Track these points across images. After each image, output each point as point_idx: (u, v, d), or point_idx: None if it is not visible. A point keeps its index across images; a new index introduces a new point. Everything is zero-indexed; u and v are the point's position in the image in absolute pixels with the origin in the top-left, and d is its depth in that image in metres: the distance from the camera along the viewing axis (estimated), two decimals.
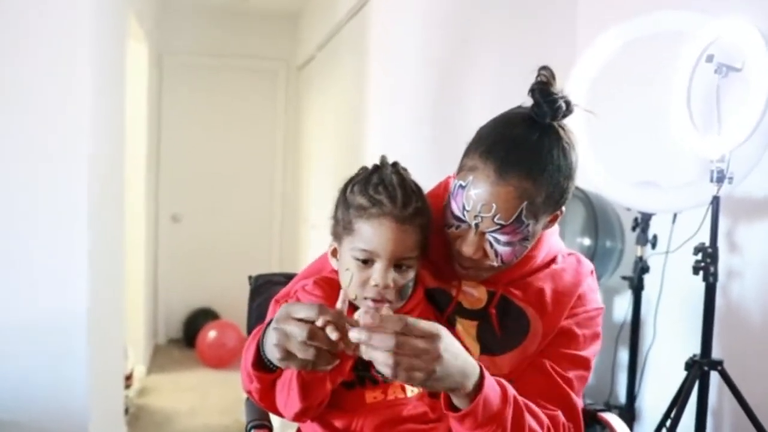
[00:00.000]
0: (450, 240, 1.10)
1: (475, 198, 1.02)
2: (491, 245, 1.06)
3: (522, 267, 1.14)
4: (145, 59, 4.13)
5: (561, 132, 1.04)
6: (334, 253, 1.11)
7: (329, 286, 1.09)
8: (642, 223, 2.17)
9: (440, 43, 2.83)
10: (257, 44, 5.18)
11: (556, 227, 1.22)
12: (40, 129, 2.24)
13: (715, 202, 1.71)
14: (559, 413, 1.08)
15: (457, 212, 1.06)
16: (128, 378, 3.54)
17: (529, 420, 1.00)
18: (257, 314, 1.48)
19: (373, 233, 1.01)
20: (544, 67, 1.04)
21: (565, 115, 1.03)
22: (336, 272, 1.11)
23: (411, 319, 0.85)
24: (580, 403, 1.14)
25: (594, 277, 1.23)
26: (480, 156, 1.03)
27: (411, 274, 1.05)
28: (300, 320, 0.86)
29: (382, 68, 3.03)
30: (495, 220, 1.02)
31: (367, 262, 1.02)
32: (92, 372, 2.36)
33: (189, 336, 4.84)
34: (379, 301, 1.02)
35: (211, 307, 5.03)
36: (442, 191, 1.17)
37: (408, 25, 2.91)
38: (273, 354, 0.90)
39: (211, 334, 4.45)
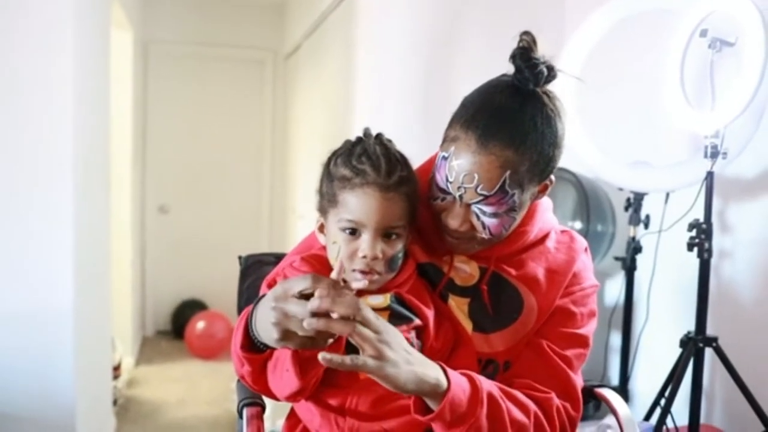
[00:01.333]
0: (437, 212, 1.08)
1: (458, 169, 1.00)
2: (477, 217, 1.04)
3: (514, 242, 1.12)
4: (130, 48, 4.08)
5: (545, 99, 1.02)
6: (321, 228, 1.09)
7: (317, 262, 1.08)
8: (634, 203, 2.17)
9: (428, 29, 2.81)
10: (243, 33, 5.13)
11: (549, 203, 1.20)
12: (22, 121, 2.20)
13: (709, 177, 1.70)
14: (553, 395, 1.07)
15: (441, 184, 1.04)
16: (116, 369, 3.51)
17: (513, 412, 0.99)
18: (247, 295, 1.46)
19: (357, 203, 1.00)
20: (525, 32, 1.02)
21: (547, 81, 1.01)
22: (324, 248, 1.09)
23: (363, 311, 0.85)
24: (579, 380, 1.13)
25: (588, 254, 1.21)
26: (461, 126, 1.01)
27: (399, 245, 1.03)
28: (300, 297, 0.84)
29: (370, 56, 3.01)
30: (478, 190, 1.00)
31: (354, 233, 1.01)
32: (79, 363, 2.34)
33: (177, 327, 4.81)
34: (367, 272, 1.00)
35: (199, 298, 5.00)
36: (432, 166, 1.15)
37: (395, 12, 2.89)
38: (270, 334, 0.87)
39: (199, 325, 4.42)
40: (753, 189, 1.97)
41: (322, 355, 0.83)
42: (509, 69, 1.06)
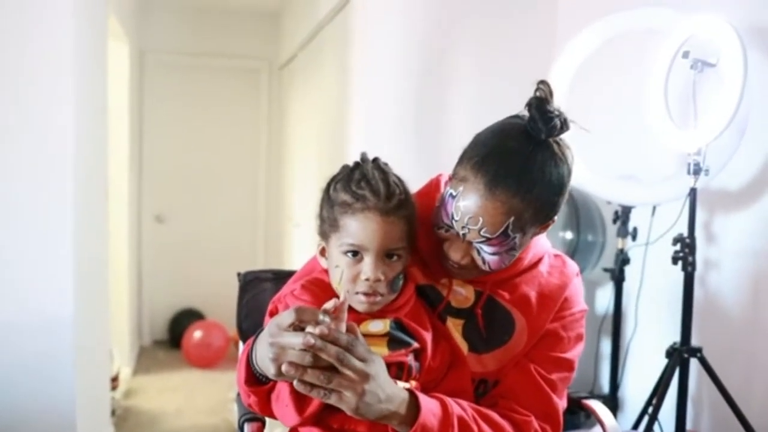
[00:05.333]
0: (440, 240, 1.11)
1: (464, 210, 1.02)
2: (478, 252, 1.07)
3: (510, 269, 1.15)
4: (126, 58, 4.11)
5: (555, 147, 1.03)
6: (323, 252, 1.11)
7: (318, 287, 1.10)
8: (622, 215, 2.22)
9: (422, 42, 2.86)
10: (239, 43, 5.17)
11: None
12: (23, 131, 2.23)
13: (693, 193, 1.75)
14: (532, 418, 1.10)
15: (446, 220, 1.07)
16: (114, 380, 3.53)
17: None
18: (246, 311, 1.49)
19: (359, 228, 1.02)
20: (542, 82, 1.04)
21: (560, 133, 1.03)
22: (325, 272, 1.12)
23: (349, 357, 0.89)
24: (562, 404, 1.16)
25: (579, 279, 1.24)
26: (472, 167, 1.03)
27: (400, 266, 1.06)
28: (294, 328, 0.89)
29: (365, 67, 3.05)
30: (481, 232, 1.02)
31: (356, 255, 1.03)
32: (79, 374, 2.35)
33: (174, 337, 4.83)
34: (371, 294, 1.03)
35: (196, 307, 5.01)
36: (434, 190, 1.18)
37: (390, 24, 2.94)
38: (268, 369, 0.92)
39: (196, 334, 4.44)
40: (738, 202, 2.02)
41: (296, 383, 0.89)
42: (500, 83, 1.08)
